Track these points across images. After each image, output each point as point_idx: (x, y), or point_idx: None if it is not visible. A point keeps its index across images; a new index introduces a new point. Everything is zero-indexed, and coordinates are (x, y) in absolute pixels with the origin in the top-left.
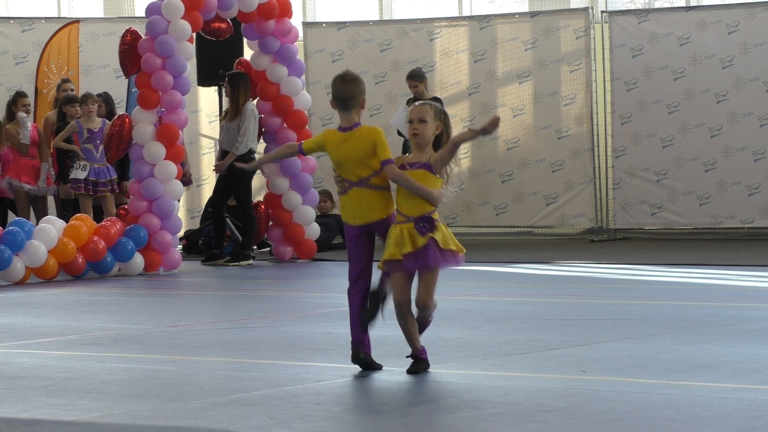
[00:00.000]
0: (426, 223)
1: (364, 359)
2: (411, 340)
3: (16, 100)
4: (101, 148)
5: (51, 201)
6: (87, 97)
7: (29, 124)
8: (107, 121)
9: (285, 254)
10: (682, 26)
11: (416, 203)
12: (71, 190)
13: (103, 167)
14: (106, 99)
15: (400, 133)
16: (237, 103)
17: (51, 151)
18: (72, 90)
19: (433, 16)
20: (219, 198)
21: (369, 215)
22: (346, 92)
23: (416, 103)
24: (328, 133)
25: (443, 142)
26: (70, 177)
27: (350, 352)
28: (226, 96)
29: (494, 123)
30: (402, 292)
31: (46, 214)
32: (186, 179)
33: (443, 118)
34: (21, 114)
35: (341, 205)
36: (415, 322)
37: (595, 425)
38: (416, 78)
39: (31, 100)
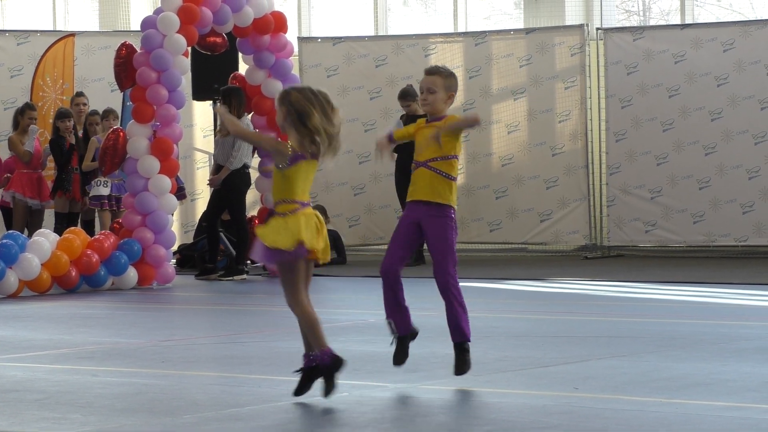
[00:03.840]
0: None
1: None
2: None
3: (24, 111)
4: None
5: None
6: (109, 112)
7: (35, 135)
8: None
9: None
10: (677, 44)
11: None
12: (91, 206)
13: (122, 182)
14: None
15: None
16: (237, 116)
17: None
18: (85, 104)
19: (428, 32)
20: (213, 212)
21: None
22: None
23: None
24: None
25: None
26: (91, 194)
27: (348, 367)
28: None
29: None
30: None
31: (40, 228)
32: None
33: (286, 103)
34: (33, 127)
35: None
36: (302, 325)
37: None
38: (408, 97)
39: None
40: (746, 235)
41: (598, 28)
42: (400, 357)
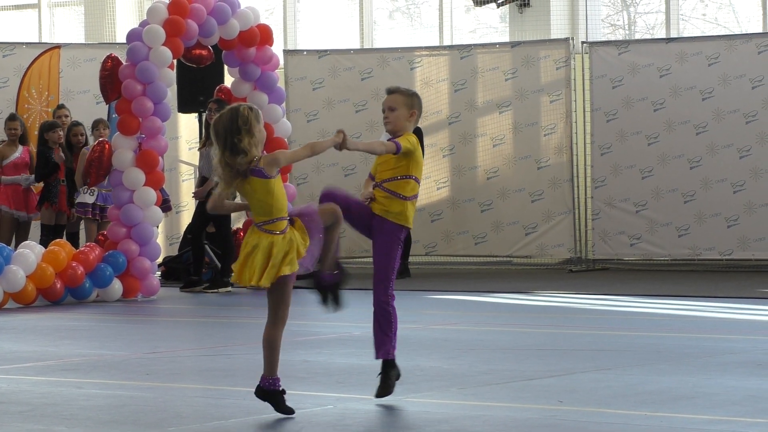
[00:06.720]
0: None
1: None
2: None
3: (6, 123)
4: None
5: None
6: (98, 122)
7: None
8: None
9: None
10: (663, 57)
11: None
12: (77, 213)
13: (110, 193)
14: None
15: None
16: None
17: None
18: (67, 116)
19: (413, 45)
20: (198, 225)
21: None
22: None
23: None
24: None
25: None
26: (77, 201)
27: (333, 380)
28: (210, 121)
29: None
30: None
31: (27, 240)
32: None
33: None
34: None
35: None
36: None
37: None
38: None
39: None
40: (731, 249)
41: (583, 42)
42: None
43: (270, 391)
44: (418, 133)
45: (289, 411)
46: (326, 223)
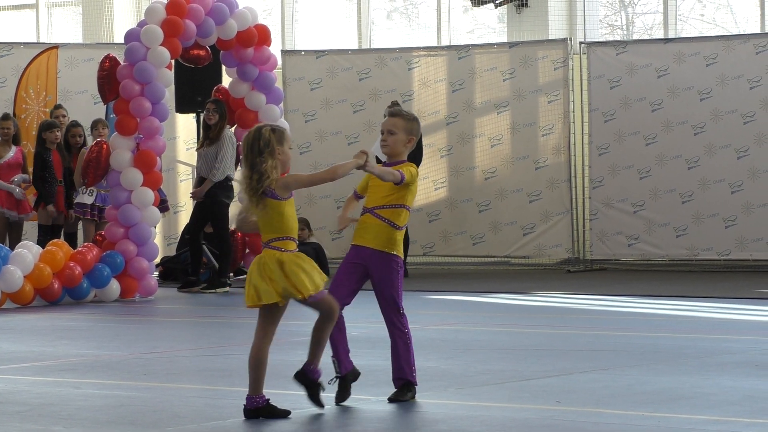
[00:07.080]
0: None
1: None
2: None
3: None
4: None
5: (26, 227)
6: (98, 122)
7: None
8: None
9: None
10: (660, 58)
11: None
12: (75, 213)
13: (108, 193)
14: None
15: (378, 161)
16: (220, 128)
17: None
18: (64, 116)
19: (411, 46)
20: (196, 225)
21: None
22: None
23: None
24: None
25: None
26: (76, 201)
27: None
28: (208, 122)
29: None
30: None
31: (20, 240)
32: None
33: None
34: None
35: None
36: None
37: None
38: None
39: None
40: (728, 249)
41: (581, 42)
42: (341, 396)
43: (259, 408)
44: (418, 147)
45: (285, 413)
46: (323, 312)
